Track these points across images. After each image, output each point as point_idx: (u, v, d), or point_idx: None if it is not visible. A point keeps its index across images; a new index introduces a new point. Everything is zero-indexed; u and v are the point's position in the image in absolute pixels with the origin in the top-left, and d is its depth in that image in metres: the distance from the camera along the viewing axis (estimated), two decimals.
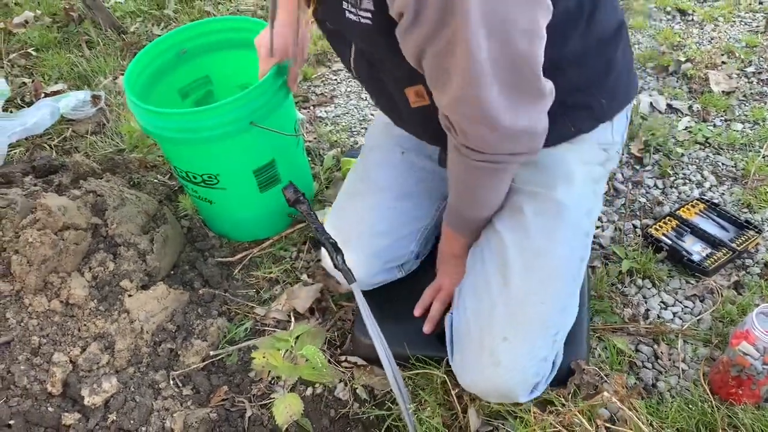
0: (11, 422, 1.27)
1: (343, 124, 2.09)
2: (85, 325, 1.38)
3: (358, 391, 1.33)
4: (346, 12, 0.98)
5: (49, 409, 1.29)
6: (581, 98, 1.13)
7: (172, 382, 1.37)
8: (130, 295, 1.44)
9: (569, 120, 1.14)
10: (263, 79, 1.39)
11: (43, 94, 2.26)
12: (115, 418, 1.28)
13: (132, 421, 1.28)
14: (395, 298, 1.41)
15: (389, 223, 1.36)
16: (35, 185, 1.79)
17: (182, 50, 1.66)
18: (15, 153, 2.05)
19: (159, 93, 1.65)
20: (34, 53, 2.51)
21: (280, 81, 1.45)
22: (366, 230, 1.35)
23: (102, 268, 1.44)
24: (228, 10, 2.65)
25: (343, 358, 1.40)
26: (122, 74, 2.34)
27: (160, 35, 2.49)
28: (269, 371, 1.33)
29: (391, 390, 1.26)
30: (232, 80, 1.75)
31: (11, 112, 2.20)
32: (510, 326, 1.12)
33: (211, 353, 1.41)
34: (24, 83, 2.35)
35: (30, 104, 2.23)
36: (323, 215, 1.64)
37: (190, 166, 1.52)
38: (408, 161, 1.40)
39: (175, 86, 1.70)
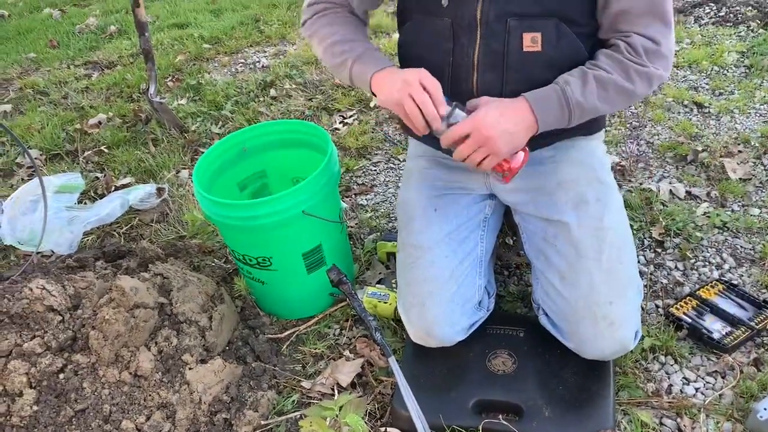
0: None
1: (382, 210, 2.26)
2: (150, 395, 1.52)
3: None
4: None
5: None
6: None
7: None
8: (190, 368, 1.58)
9: (603, 117, 1.50)
10: (314, 174, 1.57)
11: (113, 187, 2.51)
12: None
13: None
14: (432, 372, 1.52)
15: (449, 270, 1.50)
16: (105, 269, 1.98)
17: (244, 148, 1.87)
18: (87, 240, 2.26)
19: (220, 185, 1.84)
20: (106, 150, 2.78)
21: (328, 174, 1.63)
22: (432, 288, 1.48)
23: (166, 343, 1.59)
24: (279, 110, 2.91)
25: (383, 429, 1.49)
26: (184, 168, 2.59)
27: (218, 134, 2.77)
28: None
29: None
30: (285, 174, 1.95)
31: (85, 203, 2.44)
32: (611, 291, 1.37)
33: (262, 423, 1.52)
34: (97, 177, 2.60)
35: (102, 196, 2.47)
36: (363, 294, 1.77)
37: (246, 249, 1.68)
38: (442, 214, 1.55)
39: (235, 179, 1.90)
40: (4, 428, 1.41)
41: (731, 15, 3.28)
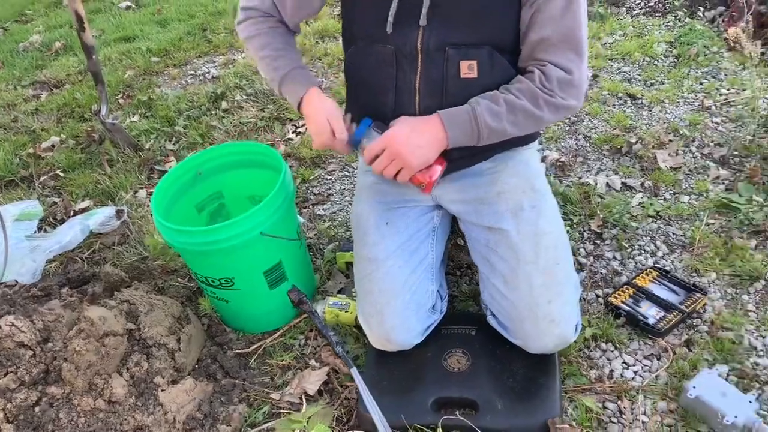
0: None
1: (339, 219, 2.33)
2: (125, 419, 1.58)
3: None
4: None
5: None
6: None
7: None
8: (162, 390, 1.64)
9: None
10: (269, 196, 1.64)
11: (72, 212, 2.53)
12: None
13: None
14: (393, 374, 1.62)
15: (402, 280, 1.59)
16: (71, 296, 2.02)
17: (198, 172, 1.92)
18: (51, 267, 2.29)
19: (179, 209, 1.90)
20: (61, 174, 2.79)
21: (283, 195, 1.70)
22: (388, 298, 1.58)
23: (138, 367, 1.65)
24: (231, 122, 2.95)
25: None
26: (141, 188, 2.62)
27: (172, 150, 2.80)
28: None
29: None
30: (241, 193, 2.01)
31: (45, 230, 2.46)
32: (549, 291, 1.49)
33: None
34: (55, 202, 2.62)
35: (61, 221, 2.49)
36: (325, 305, 1.86)
37: (208, 272, 1.75)
38: (393, 226, 1.65)
39: (192, 202, 1.96)
40: None
41: (660, 5, 3.44)
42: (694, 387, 1.48)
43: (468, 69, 1.39)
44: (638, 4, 3.50)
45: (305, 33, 3.79)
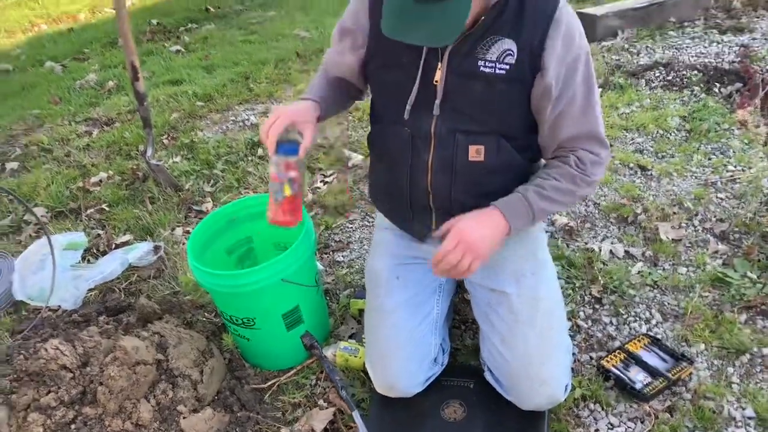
0: None
1: (357, 267, 2.50)
2: None
3: None
4: (481, 66, 1.46)
5: None
6: None
7: None
8: (184, 418, 1.80)
9: None
10: (292, 247, 1.82)
11: (114, 245, 2.74)
12: None
13: None
14: (394, 418, 1.76)
15: (408, 332, 1.74)
16: (108, 323, 2.21)
17: (232, 218, 2.12)
18: (90, 295, 2.49)
19: (212, 251, 2.09)
20: (107, 208, 3.02)
21: (305, 246, 1.88)
22: (394, 347, 1.72)
23: (164, 395, 1.82)
24: (266, 170, 3.16)
25: None
26: (179, 226, 2.83)
27: (210, 192, 3.02)
28: None
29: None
30: (269, 240, 2.20)
31: (89, 261, 2.68)
32: (542, 353, 1.63)
33: None
34: (98, 235, 2.84)
35: (103, 253, 2.71)
36: (336, 349, 2.01)
37: (233, 311, 1.92)
38: (403, 281, 1.80)
39: (224, 245, 2.14)
40: None
41: (678, 79, 3.59)
42: None
43: (476, 153, 1.56)
44: (657, 77, 3.66)
45: None
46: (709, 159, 2.87)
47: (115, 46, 5.46)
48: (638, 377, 1.86)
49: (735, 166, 2.78)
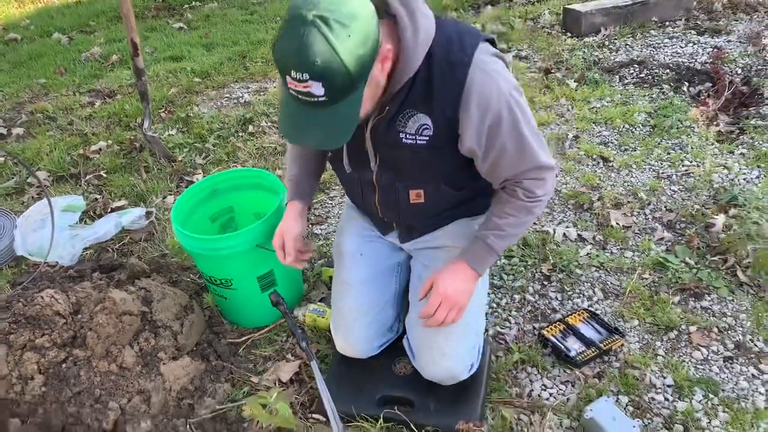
0: None
1: (332, 239, 2.67)
2: (132, 383, 1.92)
3: None
4: (403, 139, 1.48)
5: None
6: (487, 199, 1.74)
7: (188, 427, 1.89)
8: (164, 364, 1.98)
9: (486, 203, 1.75)
10: (266, 215, 1.99)
11: (109, 209, 2.91)
12: None
13: None
14: (350, 373, 1.94)
15: (368, 303, 1.89)
16: (101, 280, 2.38)
17: (215, 189, 2.28)
18: (86, 254, 2.66)
19: (196, 218, 2.25)
20: (104, 175, 3.18)
21: (279, 215, 2.05)
22: (355, 317, 1.88)
23: (146, 343, 2.00)
24: (255, 146, 3.32)
25: (311, 415, 1.91)
26: (170, 194, 3.00)
27: (201, 164, 3.17)
28: (257, 420, 1.84)
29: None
30: (249, 209, 2.36)
31: (85, 222, 2.84)
32: (449, 329, 1.71)
33: (218, 407, 1.93)
34: (96, 199, 3.01)
35: (99, 216, 2.87)
36: (306, 310, 2.19)
37: (212, 272, 2.09)
38: (366, 258, 1.94)
39: (207, 213, 2.31)
40: (20, 404, 1.82)
41: (650, 77, 3.74)
42: (591, 410, 1.77)
43: (416, 196, 1.66)
44: (631, 74, 3.80)
45: None
46: (668, 153, 3.03)
47: (120, 21, 5.57)
48: (574, 346, 2.04)
49: (691, 162, 2.94)
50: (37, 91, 4.25)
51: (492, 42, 1.48)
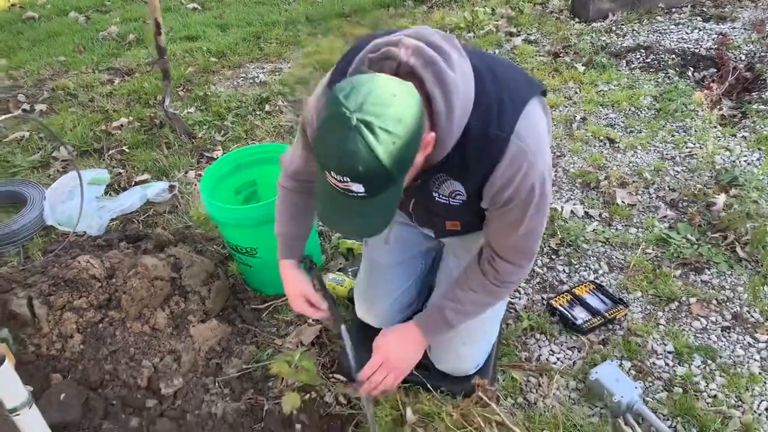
0: (114, 402, 1.90)
1: None
2: (163, 343, 2.03)
3: (339, 398, 1.94)
4: (437, 197, 1.43)
5: (138, 395, 1.93)
6: None
7: (216, 384, 2.00)
8: (193, 326, 2.09)
9: None
10: None
11: (133, 182, 3.00)
12: (180, 403, 1.91)
13: (190, 406, 1.91)
14: (368, 335, 2.03)
15: (394, 287, 1.96)
16: (128, 248, 2.48)
17: (239, 163, 2.37)
18: (112, 225, 2.76)
19: (221, 190, 2.34)
20: (127, 150, 3.27)
21: None
22: (381, 296, 1.96)
23: (176, 306, 2.10)
24: (272, 124, 3.40)
25: (332, 375, 2.01)
26: (191, 169, 3.08)
27: (220, 141, 3.26)
28: (282, 378, 1.95)
29: (359, 398, 1.87)
30: (271, 182, 2.44)
31: (110, 195, 2.94)
32: (468, 336, 1.79)
33: (244, 367, 2.04)
34: (119, 173, 3.09)
35: (124, 189, 2.96)
36: (327, 278, 2.29)
37: (238, 241, 2.19)
38: (398, 242, 1.94)
39: (232, 186, 2.40)
40: (60, 360, 1.92)
41: (656, 62, 3.80)
42: (596, 372, 1.88)
43: (452, 225, 1.61)
44: (637, 58, 3.87)
45: (344, 52, 4.23)
46: (673, 136, 3.10)
47: (135, 1, 5.63)
48: (580, 315, 2.14)
49: (694, 144, 3.02)
50: (57, 68, 4.32)
51: (544, 92, 1.42)
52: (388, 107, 1.05)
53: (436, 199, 1.45)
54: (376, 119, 1.03)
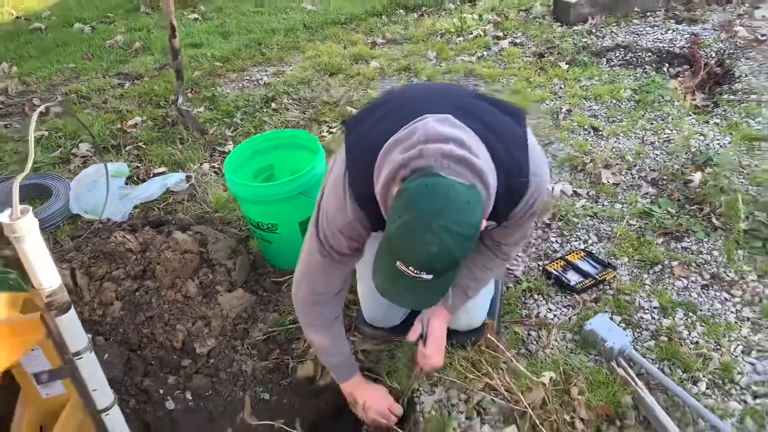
0: (152, 362, 2.04)
1: None
2: (195, 310, 2.18)
3: (359, 354, 2.10)
4: None
5: (174, 356, 2.07)
6: None
7: (245, 346, 2.15)
8: (221, 295, 2.24)
9: None
10: (309, 166, 2.24)
11: (152, 174, 3.15)
12: (213, 362, 2.06)
13: (222, 364, 2.05)
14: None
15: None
16: (152, 232, 2.63)
17: (256, 149, 2.53)
18: (134, 212, 2.90)
19: (240, 175, 2.50)
20: (143, 146, 3.42)
21: (319, 166, 2.30)
22: (387, 312, 2.04)
23: (205, 277, 2.25)
24: (279, 120, 3.57)
25: (348, 336, 2.17)
26: (205, 162, 3.24)
27: (231, 136, 3.42)
28: (304, 340, 2.11)
29: (376, 351, 2.04)
30: (287, 167, 2.61)
31: (130, 186, 3.08)
32: (477, 299, 1.90)
33: (269, 330, 2.19)
34: (137, 166, 3.24)
35: (143, 181, 3.11)
36: None
37: (260, 218, 2.34)
38: None
39: (250, 170, 2.56)
40: (102, 324, 2.07)
41: (634, 59, 4.03)
42: (590, 323, 2.06)
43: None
44: (617, 56, 4.09)
45: (342, 55, 4.43)
46: (651, 124, 3.32)
47: (138, 12, 5.79)
48: (573, 278, 2.31)
49: (671, 130, 3.23)
50: (68, 74, 4.46)
51: (525, 115, 1.53)
52: (468, 214, 1.17)
53: None
54: (457, 226, 1.16)
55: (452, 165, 1.21)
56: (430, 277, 1.21)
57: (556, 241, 2.56)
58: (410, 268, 1.19)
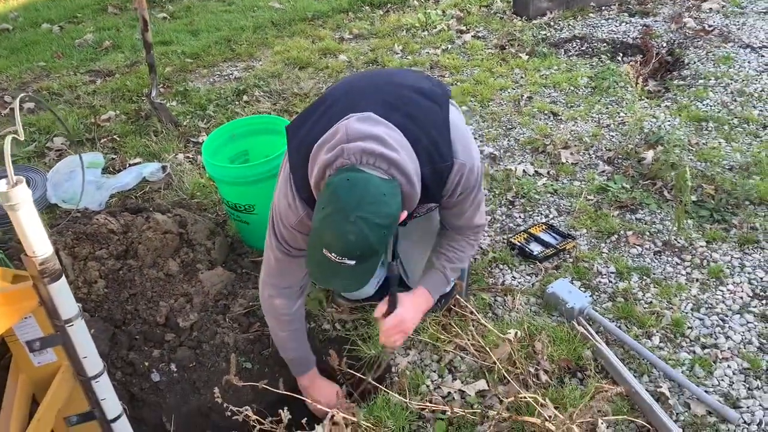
0: (137, 337, 2.10)
1: None
2: (176, 287, 2.24)
3: (336, 324, 2.19)
4: (416, 216, 1.71)
5: (157, 331, 2.13)
6: None
7: (226, 320, 2.22)
8: (201, 272, 2.30)
9: None
10: (283, 149, 2.32)
11: (128, 164, 3.19)
12: (196, 335, 2.13)
13: (205, 337, 2.12)
14: None
15: None
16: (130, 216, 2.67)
17: (233, 135, 2.60)
18: (111, 201, 2.94)
19: (217, 159, 2.57)
20: (118, 138, 3.45)
21: None
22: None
23: (186, 256, 2.31)
24: (251, 111, 3.63)
25: (327, 308, 2.26)
26: (180, 153, 3.29)
27: (204, 128, 3.47)
28: None
29: (352, 320, 2.13)
30: (262, 152, 2.68)
31: (107, 176, 3.12)
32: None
33: (249, 304, 2.26)
34: (113, 158, 3.28)
35: (119, 171, 3.15)
36: None
37: (237, 199, 2.41)
38: None
39: (226, 156, 2.62)
40: (87, 302, 2.11)
41: (590, 49, 4.20)
42: (552, 287, 2.18)
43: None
44: (574, 47, 4.26)
45: (311, 50, 4.50)
46: (607, 108, 3.47)
47: (105, 12, 5.77)
48: (536, 248, 2.44)
49: (625, 113, 3.40)
50: (38, 72, 4.44)
51: (449, 93, 1.61)
52: (384, 205, 1.29)
53: (415, 216, 1.72)
54: (373, 216, 1.27)
55: (371, 160, 1.33)
56: (352, 263, 1.31)
57: (519, 216, 2.68)
58: (333, 254, 1.30)
